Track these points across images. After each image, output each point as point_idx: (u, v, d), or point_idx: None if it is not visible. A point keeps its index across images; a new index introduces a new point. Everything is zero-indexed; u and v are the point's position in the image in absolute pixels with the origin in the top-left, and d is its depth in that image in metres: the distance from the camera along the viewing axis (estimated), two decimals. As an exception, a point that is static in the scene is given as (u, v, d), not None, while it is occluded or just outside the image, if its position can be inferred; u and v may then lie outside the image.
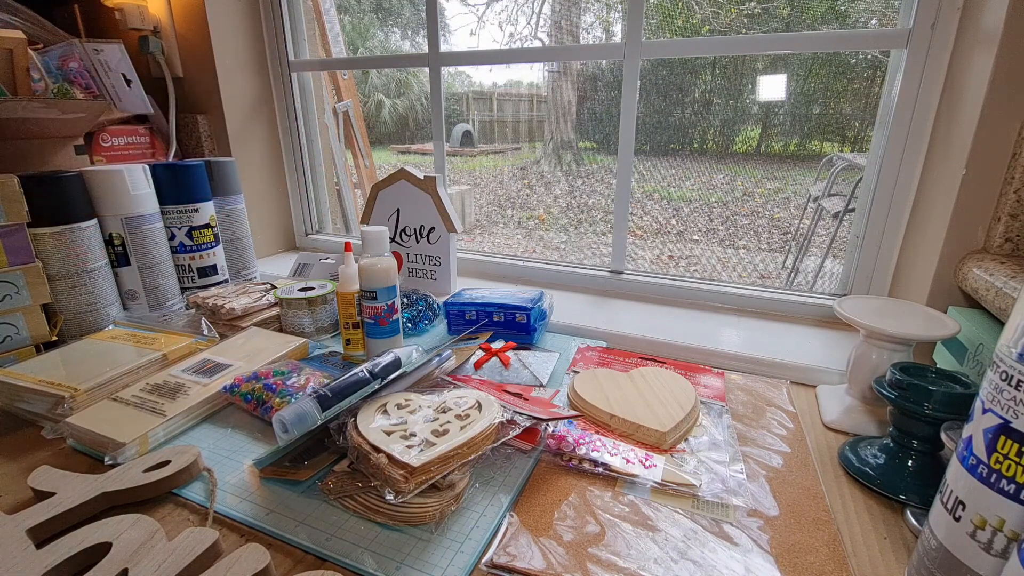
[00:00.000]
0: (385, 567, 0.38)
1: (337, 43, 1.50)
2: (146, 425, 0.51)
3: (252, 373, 0.59)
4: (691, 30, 5.96)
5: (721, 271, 3.27)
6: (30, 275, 0.67)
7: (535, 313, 0.73)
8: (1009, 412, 0.28)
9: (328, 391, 0.50)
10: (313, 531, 0.41)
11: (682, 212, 4.45)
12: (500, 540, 0.40)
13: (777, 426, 0.55)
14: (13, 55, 0.79)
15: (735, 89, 6.38)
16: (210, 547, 0.37)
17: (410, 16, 8.56)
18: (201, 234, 0.86)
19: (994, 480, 0.29)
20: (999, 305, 0.51)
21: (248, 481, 0.47)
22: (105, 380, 0.58)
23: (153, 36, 1.03)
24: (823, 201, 2.49)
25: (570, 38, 6.21)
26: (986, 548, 0.30)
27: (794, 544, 0.40)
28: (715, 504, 0.44)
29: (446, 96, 1.04)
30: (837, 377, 0.64)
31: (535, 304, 0.73)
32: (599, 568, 0.38)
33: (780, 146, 6.24)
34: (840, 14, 5.63)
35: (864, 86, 5.73)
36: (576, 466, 0.49)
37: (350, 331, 0.68)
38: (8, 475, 0.48)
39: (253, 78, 1.10)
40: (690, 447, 0.51)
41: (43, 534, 0.39)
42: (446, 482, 0.42)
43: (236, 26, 1.05)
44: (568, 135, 6.38)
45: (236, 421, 0.56)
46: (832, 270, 2.64)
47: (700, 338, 0.73)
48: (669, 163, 6.06)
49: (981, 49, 0.59)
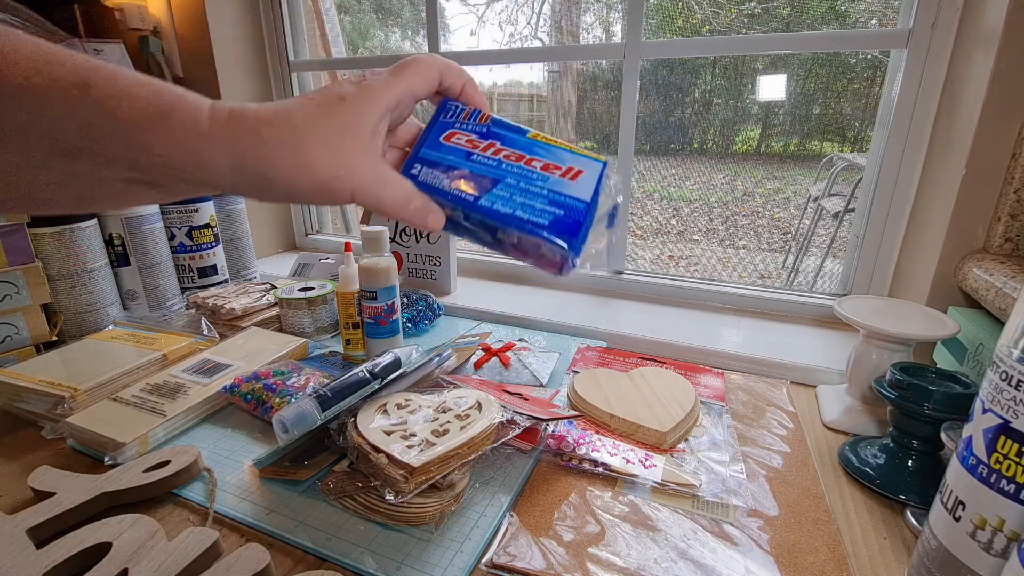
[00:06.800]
0: (385, 567, 0.38)
1: (337, 43, 1.50)
2: (146, 425, 0.51)
3: (252, 373, 0.59)
4: (691, 30, 5.96)
5: (721, 271, 3.27)
6: (30, 275, 0.67)
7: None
8: (1009, 412, 0.28)
9: (328, 391, 0.50)
10: (313, 531, 0.41)
11: (682, 212, 4.45)
12: (500, 540, 0.40)
13: (777, 426, 0.55)
14: (13, 55, 0.78)
15: (735, 89, 6.38)
16: (210, 547, 0.37)
17: (410, 16, 8.56)
18: (201, 234, 0.87)
19: (994, 480, 0.29)
20: (999, 305, 0.51)
21: (248, 481, 0.47)
22: (105, 380, 0.58)
23: (153, 36, 1.03)
24: (823, 201, 2.49)
25: (570, 38, 6.21)
26: (986, 548, 0.30)
27: (794, 544, 0.40)
28: (715, 504, 0.44)
29: (446, 96, 1.04)
30: (837, 377, 0.64)
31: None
32: (599, 568, 0.38)
33: (780, 146, 6.23)
34: (840, 14, 5.63)
35: (864, 86, 5.73)
36: (576, 466, 0.49)
37: (350, 331, 0.68)
38: (8, 475, 0.48)
39: (253, 78, 1.10)
40: (690, 447, 0.51)
41: (43, 534, 0.39)
42: (446, 482, 0.42)
43: (236, 26, 1.05)
44: (568, 135, 6.38)
45: (236, 421, 0.56)
46: (832, 270, 2.64)
47: (700, 338, 0.73)
48: (669, 163, 6.05)
49: (981, 49, 0.59)
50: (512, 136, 0.32)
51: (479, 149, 0.31)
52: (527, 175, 0.30)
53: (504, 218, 0.29)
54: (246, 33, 1.07)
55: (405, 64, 0.29)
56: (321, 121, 0.26)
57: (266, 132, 0.25)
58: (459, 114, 0.32)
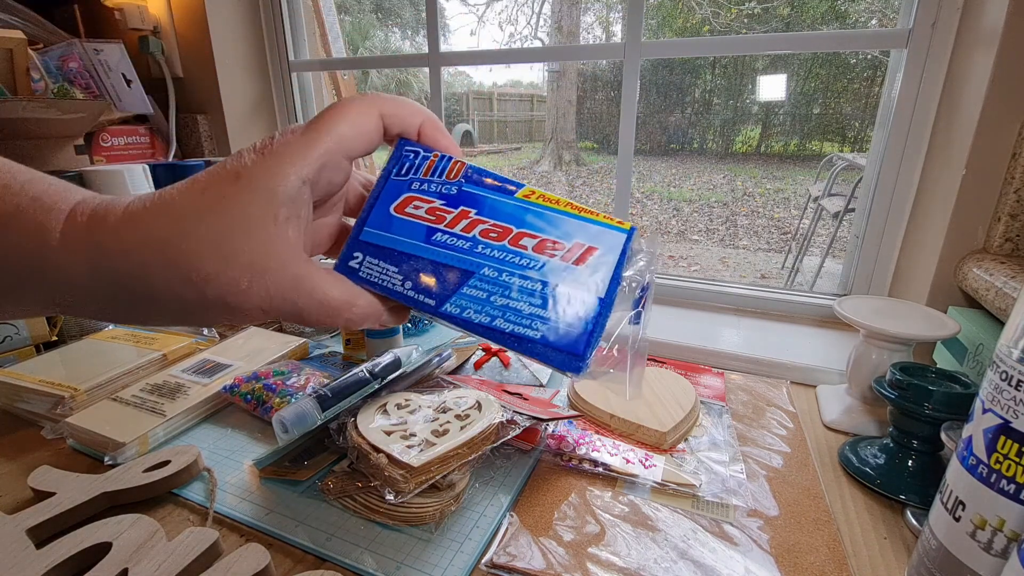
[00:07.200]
0: (385, 567, 0.38)
1: (337, 43, 1.50)
2: (146, 425, 0.51)
3: (252, 373, 0.59)
4: (691, 30, 5.96)
5: (721, 271, 3.27)
6: (30, 275, 0.67)
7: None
8: (1009, 412, 0.28)
9: (328, 391, 0.50)
10: (313, 531, 0.41)
11: (682, 212, 4.45)
12: (500, 540, 0.40)
13: (777, 426, 0.55)
14: (13, 55, 0.79)
15: (735, 89, 6.38)
16: (210, 547, 0.37)
17: (410, 16, 8.56)
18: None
19: (994, 480, 0.29)
20: (999, 305, 0.51)
21: (248, 481, 0.47)
22: (105, 380, 0.58)
23: (153, 36, 1.03)
24: (823, 201, 2.49)
25: (570, 38, 6.21)
26: (986, 548, 0.30)
27: (794, 544, 0.40)
28: (715, 504, 0.44)
29: (446, 96, 1.04)
30: (837, 377, 0.64)
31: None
32: (599, 568, 0.38)
33: (780, 146, 6.24)
34: (840, 14, 5.63)
35: (864, 86, 5.73)
36: (576, 466, 0.49)
37: (350, 331, 0.68)
38: (8, 475, 0.48)
39: (253, 78, 1.10)
40: (690, 447, 0.51)
41: (43, 534, 0.39)
42: (446, 482, 0.42)
43: (236, 26, 1.05)
44: (568, 135, 6.38)
45: (236, 421, 0.56)
46: (832, 270, 2.64)
47: (700, 338, 0.73)
48: (669, 163, 6.06)
49: (981, 49, 0.59)
50: (494, 199, 0.23)
51: (444, 224, 0.22)
52: (513, 263, 0.22)
53: (478, 329, 0.22)
54: (246, 33, 1.07)
55: (329, 113, 0.21)
56: (209, 213, 0.19)
57: (132, 238, 0.19)
58: (419, 166, 0.23)
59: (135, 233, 0.19)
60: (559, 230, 0.22)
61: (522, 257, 0.22)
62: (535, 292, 0.22)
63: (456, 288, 0.22)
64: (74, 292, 0.20)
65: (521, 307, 0.21)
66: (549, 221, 0.22)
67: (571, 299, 0.22)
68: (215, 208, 0.19)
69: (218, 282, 0.19)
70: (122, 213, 0.19)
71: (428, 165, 0.23)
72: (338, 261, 0.23)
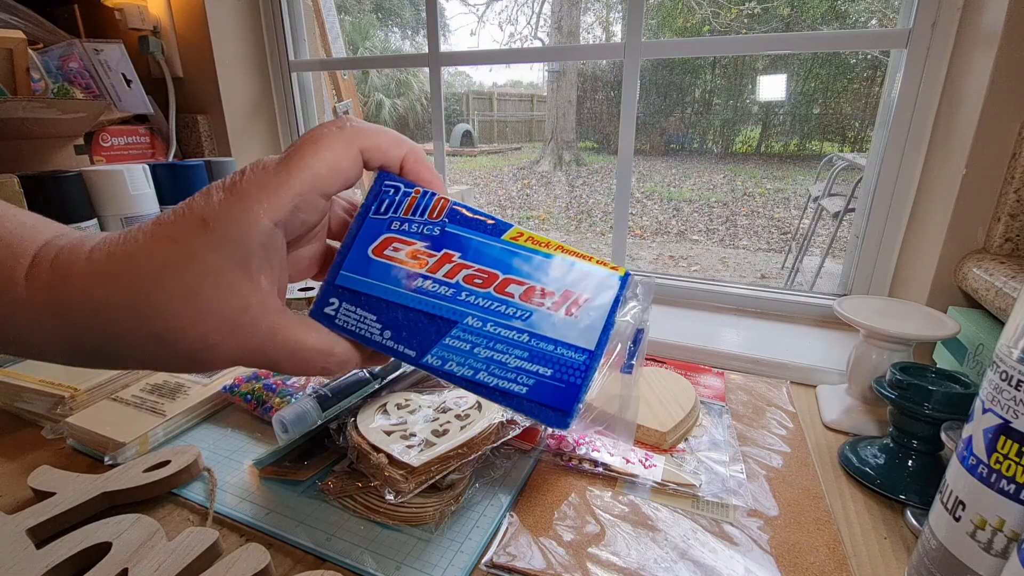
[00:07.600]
0: (385, 567, 0.38)
1: (337, 43, 1.50)
2: (146, 425, 0.51)
3: (252, 373, 0.59)
4: (691, 30, 5.96)
5: (721, 271, 3.28)
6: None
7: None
8: (1009, 412, 0.28)
9: (328, 391, 0.50)
10: (313, 531, 0.41)
11: (682, 212, 4.45)
12: (500, 540, 0.40)
13: (777, 426, 0.55)
14: (13, 55, 0.79)
15: (735, 89, 6.38)
16: (210, 547, 0.37)
17: (410, 16, 8.56)
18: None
19: (994, 480, 0.29)
20: (999, 305, 0.51)
21: (248, 481, 0.47)
22: (105, 380, 0.58)
23: (153, 36, 1.03)
24: (823, 201, 2.49)
25: (570, 38, 6.21)
26: (986, 548, 0.30)
27: (794, 544, 0.40)
28: (715, 504, 0.44)
29: (446, 96, 1.04)
30: (837, 377, 0.64)
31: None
32: (599, 568, 0.38)
33: (780, 146, 6.24)
34: (840, 14, 5.63)
35: (864, 86, 5.73)
36: (576, 466, 0.49)
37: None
38: (8, 475, 0.48)
39: (253, 78, 1.10)
40: (690, 447, 0.51)
41: (43, 534, 0.39)
42: (446, 482, 0.42)
43: (236, 26, 1.05)
44: (568, 135, 6.38)
45: (236, 421, 0.56)
46: (832, 270, 2.64)
47: (700, 338, 0.73)
48: (669, 163, 6.06)
49: (981, 49, 0.59)
50: (479, 241, 0.21)
51: (426, 268, 0.21)
52: (498, 312, 0.21)
53: (460, 383, 0.21)
54: (246, 33, 1.07)
55: (303, 147, 0.20)
56: (177, 268, 0.18)
57: (99, 295, 0.18)
58: (400, 203, 0.22)
59: (102, 289, 0.18)
60: (548, 276, 0.21)
61: (508, 306, 0.21)
62: (521, 344, 0.20)
63: (438, 338, 0.21)
64: (42, 344, 0.19)
65: (506, 360, 0.20)
66: (537, 267, 0.21)
67: (559, 352, 0.20)
68: (183, 264, 0.18)
69: (188, 338, 0.19)
70: (85, 263, 0.18)
71: (409, 202, 0.22)
72: (313, 306, 0.22)
